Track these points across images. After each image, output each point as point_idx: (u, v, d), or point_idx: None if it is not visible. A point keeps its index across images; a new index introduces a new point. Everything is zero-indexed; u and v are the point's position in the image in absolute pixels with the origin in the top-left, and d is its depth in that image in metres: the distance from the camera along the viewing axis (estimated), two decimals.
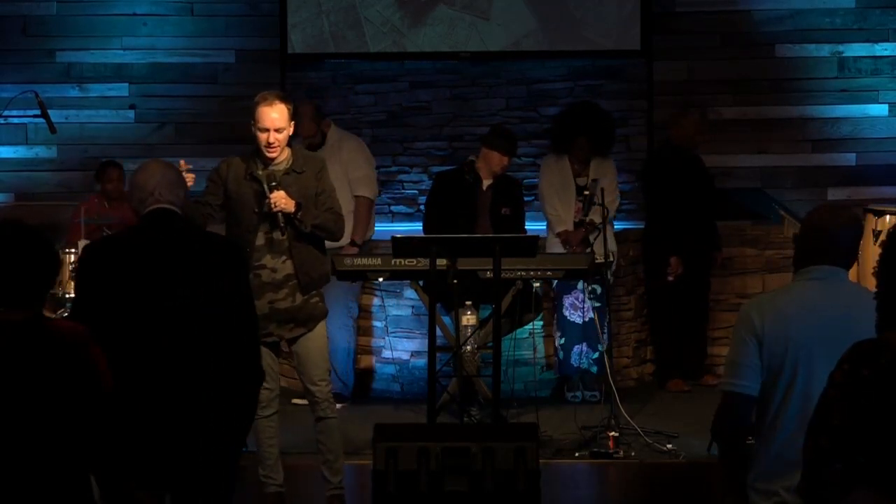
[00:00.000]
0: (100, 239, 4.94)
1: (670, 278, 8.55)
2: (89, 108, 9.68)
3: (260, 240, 6.05)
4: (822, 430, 3.12)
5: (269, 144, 6.00)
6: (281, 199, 5.95)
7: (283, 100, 6.05)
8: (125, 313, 4.29)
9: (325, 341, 6.32)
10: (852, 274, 8.04)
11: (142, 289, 4.32)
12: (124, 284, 4.33)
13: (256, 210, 6.03)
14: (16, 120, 9.01)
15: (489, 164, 8.06)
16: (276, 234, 6.03)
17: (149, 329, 4.30)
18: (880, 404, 3.05)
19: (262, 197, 6.02)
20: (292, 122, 6.08)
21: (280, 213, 5.97)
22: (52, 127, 8.22)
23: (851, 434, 3.07)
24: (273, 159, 6.05)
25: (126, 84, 9.69)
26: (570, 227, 8.29)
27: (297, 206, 5.98)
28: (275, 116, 5.98)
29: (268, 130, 5.98)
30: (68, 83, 9.66)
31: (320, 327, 6.22)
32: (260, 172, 6.04)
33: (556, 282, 8.07)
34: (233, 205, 6.10)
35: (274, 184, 5.98)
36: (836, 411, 3.10)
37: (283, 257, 6.06)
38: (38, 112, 8.23)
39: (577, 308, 8.25)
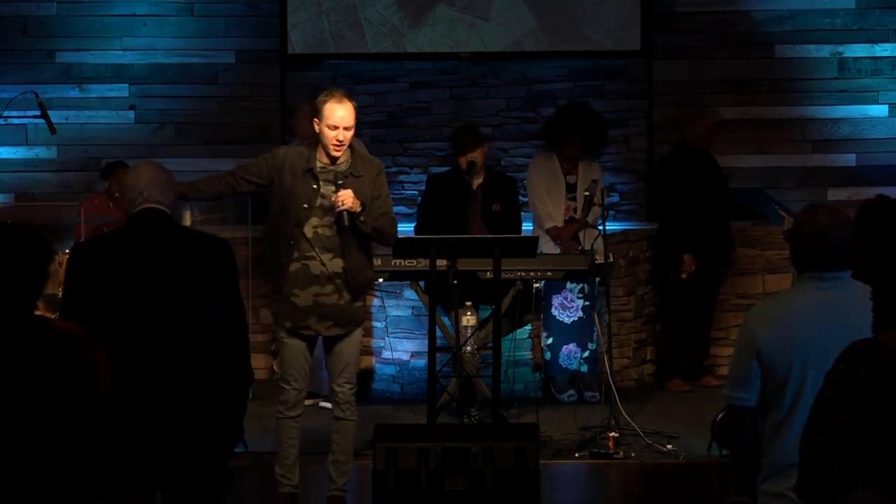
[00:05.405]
0: (88, 239, 4.93)
1: (683, 276, 8.56)
2: (89, 108, 9.67)
3: (309, 233, 6.03)
4: (820, 430, 3.12)
5: (339, 143, 5.99)
6: (349, 199, 5.93)
7: (351, 98, 6.06)
8: (114, 312, 4.29)
9: (359, 346, 6.30)
10: None
11: (130, 288, 4.33)
12: (113, 284, 4.34)
13: (306, 206, 6.01)
14: (16, 120, 9.01)
15: (480, 163, 8.09)
16: (333, 236, 6.01)
17: (137, 328, 4.30)
18: (880, 403, 3.05)
19: (317, 193, 6.00)
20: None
21: (346, 213, 5.96)
22: (52, 127, 8.22)
23: (850, 433, 3.07)
24: (338, 158, 6.04)
25: (126, 84, 9.68)
26: (560, 224, 8.31)
27: (362, 206, 5.98)
28: (343, 114, 5.98)
29: (337, 128, 5.98)
30: (68, 84, 9.65)
31: (357, 332, 6.21)
32: (320, 168, 6.02)
33: (543, 282, 8.08)
34: (283, 195, 6.07)
35: (341, 182, 5.97)
36: (834, 410, 3.09)
37: (331, 255, 6.04)
38: (38, 112, 8.22)
39: (567, 308, 8.27)
